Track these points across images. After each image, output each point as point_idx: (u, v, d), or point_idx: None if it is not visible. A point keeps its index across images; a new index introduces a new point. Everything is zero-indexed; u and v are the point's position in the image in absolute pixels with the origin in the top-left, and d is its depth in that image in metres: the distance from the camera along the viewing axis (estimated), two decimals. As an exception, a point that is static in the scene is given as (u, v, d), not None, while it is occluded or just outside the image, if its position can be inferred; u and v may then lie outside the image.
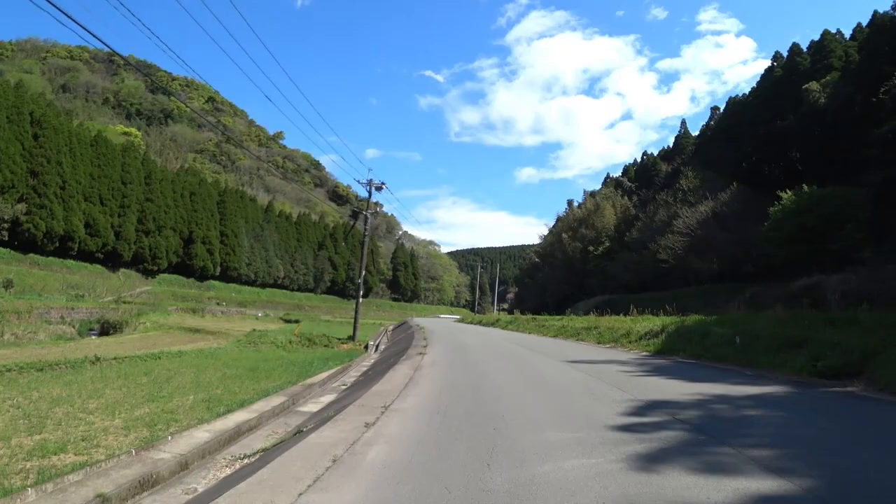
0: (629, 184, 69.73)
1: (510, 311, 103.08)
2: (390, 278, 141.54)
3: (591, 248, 58.88)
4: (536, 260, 76.94)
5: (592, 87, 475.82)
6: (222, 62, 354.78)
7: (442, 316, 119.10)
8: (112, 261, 77.73)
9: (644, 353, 19.75)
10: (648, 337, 22.16)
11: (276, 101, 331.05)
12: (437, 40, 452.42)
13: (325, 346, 24.64)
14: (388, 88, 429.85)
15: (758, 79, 51.12)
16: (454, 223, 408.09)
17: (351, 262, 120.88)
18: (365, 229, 32.09)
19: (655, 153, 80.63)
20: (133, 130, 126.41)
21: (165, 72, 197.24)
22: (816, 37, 46.30)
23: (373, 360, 20.49)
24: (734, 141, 45.18)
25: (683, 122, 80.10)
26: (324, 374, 14.44)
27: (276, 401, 9.93)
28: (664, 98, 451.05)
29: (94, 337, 39.93)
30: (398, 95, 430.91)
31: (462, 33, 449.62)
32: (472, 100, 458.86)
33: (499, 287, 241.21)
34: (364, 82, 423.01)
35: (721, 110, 60.82)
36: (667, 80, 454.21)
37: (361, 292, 33.25)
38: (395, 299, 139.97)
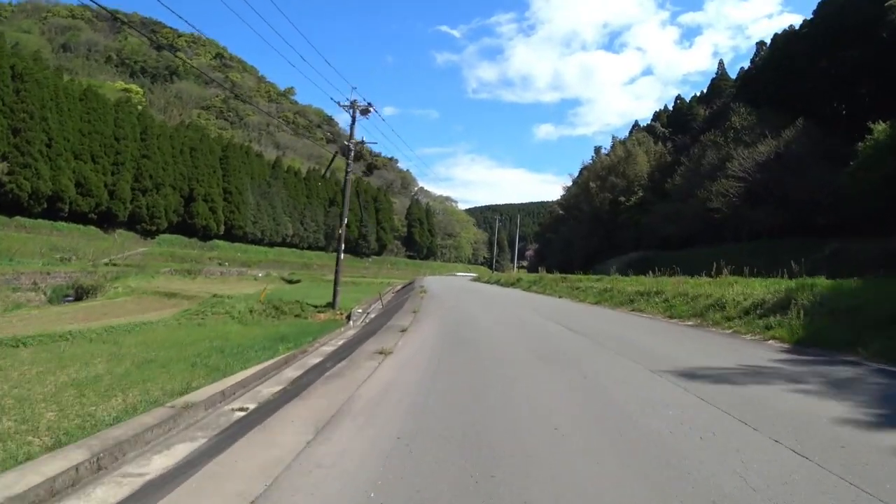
0: (662, 129, 63.92)
1: (531, 270, 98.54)
2: (405, 235, 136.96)
3: (622, 198, 53.60)
4: (560, 212, 70.81)
5: (612, 42, 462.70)
6: (231, 18, 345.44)
7: (458, 274, 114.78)
8: (107, 222, 74.00)
9: (778, 344, 11.49)
10: (759, 312, 13.90)
11: (286, 55, 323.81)
12: None
13: (296, 315, 20.09)
14: (404, 45, 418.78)
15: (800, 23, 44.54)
16: (472, 181, 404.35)
17: (364, 219, 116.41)
18: (348, 164, 26.91)
19: (687, 99, 74.83)
20: (134, 87, 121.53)
21: (171, 28, 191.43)
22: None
23: (345, 339, 15.71)
24: (792, 74, 39.32)
25: (721, 63, 73.32)
26: (248, 372, 9.79)
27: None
28: (686, 53, 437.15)
29: (66, 303, 36.19)
30: (414, 52, 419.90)
31: None
32: (490, 56, 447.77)
33: (518, 244, 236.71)
34: (380, 39, 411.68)
35: (767, 45, 54.76)
36: (689, 35, 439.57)
37: (342, 246, 28.44)
38: (410, 257, 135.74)
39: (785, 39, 46.83)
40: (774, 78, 42.77)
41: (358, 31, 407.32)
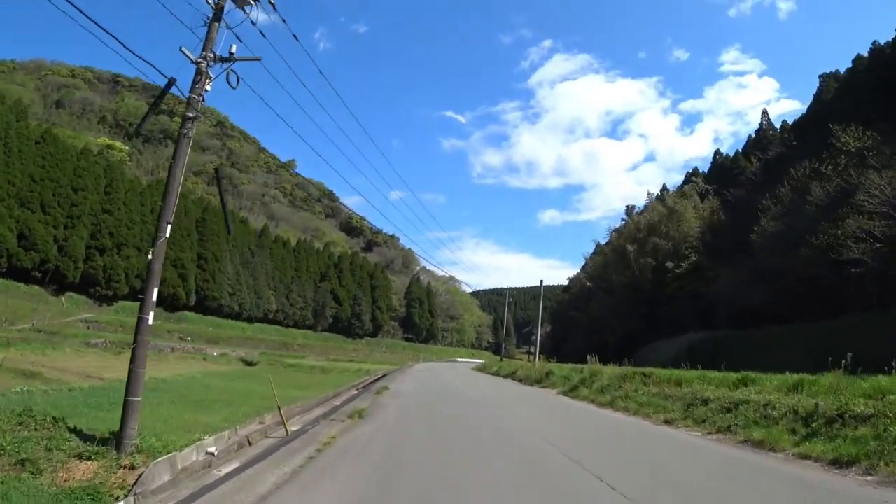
0: (704, 185, 53.43)
1: (548, 356, 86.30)
2: (403, 315, 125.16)
3: (668, 264, 42.55)
4: (587, 284, 58.05)
5: (615, 129, 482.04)
6: (233, 93, 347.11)
7: (460, 360, 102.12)
8: (56, 282, 63.17)
9: None
10: None
11: (290, 134, 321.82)
12: (461, 84, 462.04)
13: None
14: (412, 131, 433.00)
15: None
16: (477, 265, 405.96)
17: (357, 297, 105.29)
18: (186, 117, 11.71)
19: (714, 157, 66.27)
20: (118, 144, 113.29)
21: (171, 94, 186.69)
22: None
23: None
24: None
25: (765, 112, 64.42)
26: None
27: None
28: (687, 139, 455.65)
29: None
30: (421, 138, 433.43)
31: (485, 77, 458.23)
32: (496, 142, 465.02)
33: (524, 329, 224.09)
34: (387, 125, 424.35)
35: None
36: (689, 122, 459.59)
37: (150, 316, 9.70)
38: (408, 339, 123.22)
39: (871, 61, 37.98)
40: (870, 95, 33.29)
41: (367, 117, 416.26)
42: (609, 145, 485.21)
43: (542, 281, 35.13)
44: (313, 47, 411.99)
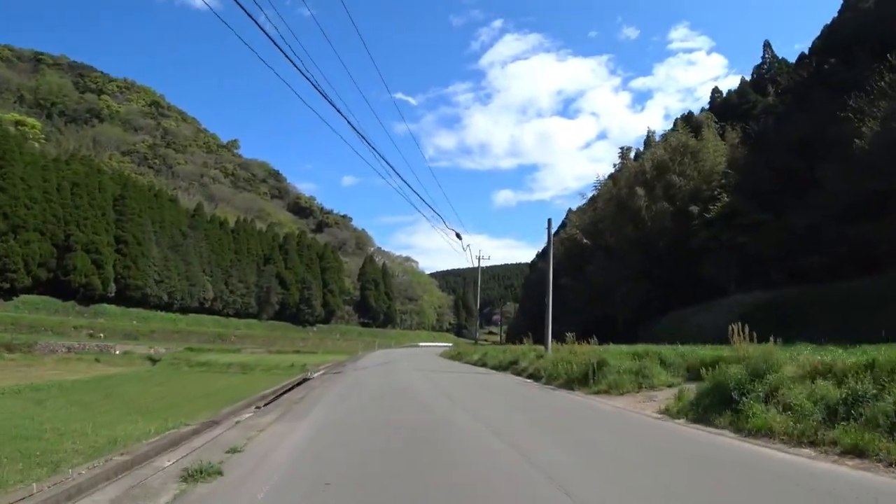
0: (715, 122, 44.19)
1: (513, 336, 78.45)
2: (358, 299, 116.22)
3: (692, 208, 33.90)
4: (583, 241, 46.42)
5: (567, 108, 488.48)
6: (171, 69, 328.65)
7: (421, 344, 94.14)
8: (-66, 275, 52.92)
9: None
10: None
11: (234, 114, 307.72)
12: (411, 67, 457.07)
13: None
14: (363, 116, 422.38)
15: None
16: (433, 248, 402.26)
17: (306, 280, 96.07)
18: None
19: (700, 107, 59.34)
20: (31, 121, 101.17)
21: (100, 72, 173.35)
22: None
23: None
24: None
25: (766, 44, 57.60)
26: None
27: None
28: (638, 116, 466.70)
29: None
30: (373, 122, 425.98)
31: (436, 59, 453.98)
32: (448, 124, 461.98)
33: (485, 308, 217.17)
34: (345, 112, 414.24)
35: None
36: (640, 99, 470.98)
37: None
38: (364, 324, 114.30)
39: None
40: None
41: (316, 102, 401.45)
42: (561, 124, 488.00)
43: (549, 220, 25.84)
44: (257, 34, 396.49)
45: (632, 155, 43.23)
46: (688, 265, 33.54)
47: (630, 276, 34.47)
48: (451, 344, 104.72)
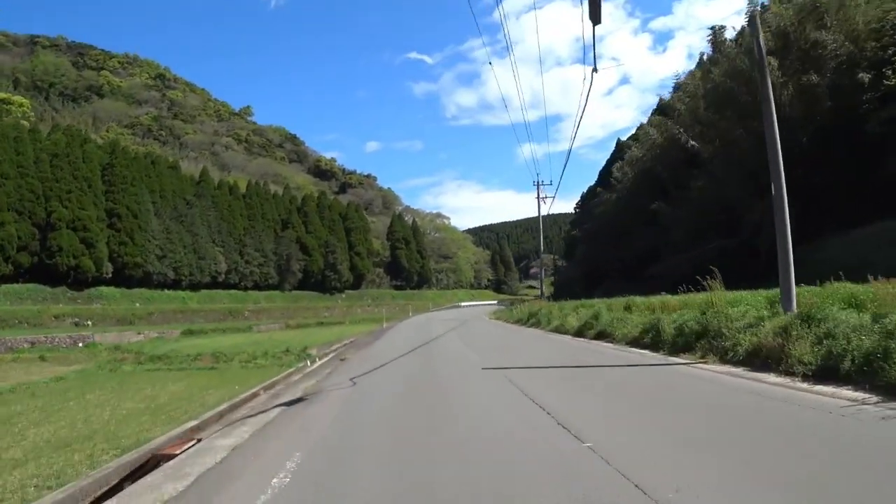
0: None
1: (562, 290, 68.32)
2: (388, 260, 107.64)
3: (863, 75, 23.52)
4: (690, 144, 32.59)
5: (587, 55, 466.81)
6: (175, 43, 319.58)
7: (464, 305, 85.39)
8: None
9: None
10: None
11: (245, 83, 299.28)
12: (424, 26, 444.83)
13: None
14: (379, 79, 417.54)
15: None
16: (461, 207, 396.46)
17: (330, 244, 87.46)
18: None
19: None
20: (19, 99, 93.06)
21: (101, 50, 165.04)
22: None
23: None
24: None
25: None
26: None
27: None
28: (660, 58, 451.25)
29: None
30: (391, 85, 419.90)
31: (448, 16, 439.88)
32: (467, 81, 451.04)
33: (521, 263, 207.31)
34: (355, 76, 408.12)
35: None
36: (661, 40, 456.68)
37: None
38: (397, 287, 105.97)
39: None
40: None
41: (330, 70, 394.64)
42: (582, 72, 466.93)
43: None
44: (264, 4, 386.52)
45: (728, 35, 31.92)
46: (857, 164, 23.28)
47: (757, 188, 23.65)
48: (495, 301, 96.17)
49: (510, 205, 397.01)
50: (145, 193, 63.32)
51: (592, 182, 75.96)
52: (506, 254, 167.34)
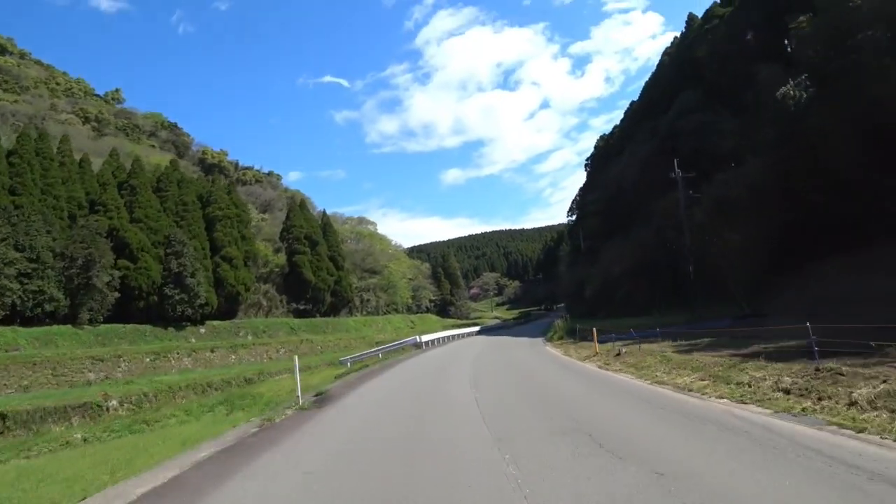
0: None
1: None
2: (285, 270, 70.96)
3: None
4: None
5: (507, 79, 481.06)
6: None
7: (424, 338, 50.76)
8: None
9: None
10: None
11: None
12: (345, 52, 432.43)
13: None
14: (299, 107, 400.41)
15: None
16: (386, 234, 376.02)
17: (175, 240, 50.71)
18: None
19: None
20: None
21: None
22: None
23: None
24: None
25: None
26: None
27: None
28: (579, 82, 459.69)
29: None
30: (312, 114, 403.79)
31: (370, 42, 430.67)
32: (389, 108, 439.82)
33: (466, 283, 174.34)
34: (273, 103, 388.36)
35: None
36: (580, 64, 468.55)
37: None
38: (300, 313, 69.22)
39: None
40: None
41: (247, 99, 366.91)
42: (503, 97, 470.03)
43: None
44: (171, 31, 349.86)
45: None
46: None
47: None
48: (473, 330, 63.95)
49: (436, 231, 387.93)
50: None
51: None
52: (451, 266, 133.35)
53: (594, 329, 28.98)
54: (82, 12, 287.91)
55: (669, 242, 41.45)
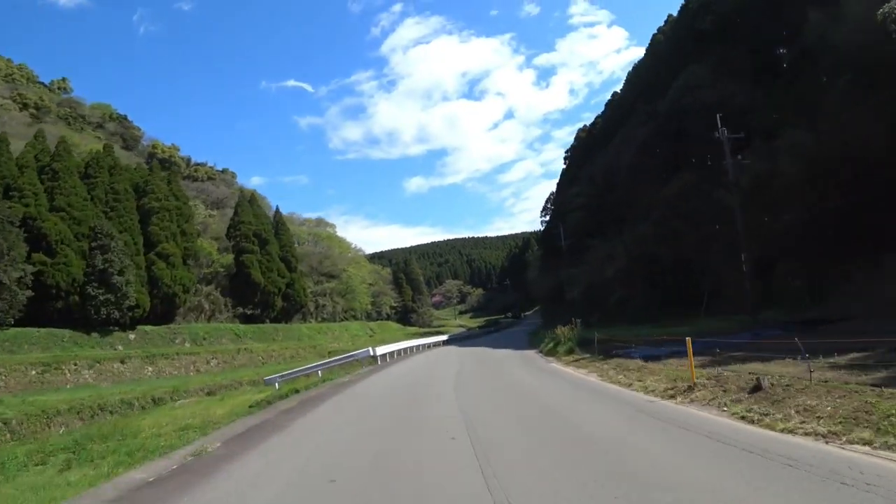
0: None
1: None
2: (232, 271, 65.31)
3: None
4: None
5: (472, 89, 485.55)
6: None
7: (381, 350, 44.54)
8: None
9: None
10: None
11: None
12: (310, 57, 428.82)
13: None
14: (262, 111, 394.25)
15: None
16: (351, 238, 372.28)
17: (100, 234, 44.85)
18: None
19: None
20: None
21: None
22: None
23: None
24: None
25: None
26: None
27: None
28: (544, 93, 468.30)
29: None
30: (275, 118, 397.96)
31: (335, 47, 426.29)
32: (353, 115, 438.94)
33: (429, 288, 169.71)
34: (235, 107, 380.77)
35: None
36: (544, 76, 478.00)
37: None
38: (248, 318, 63.45)
39: None
40: None
41: (214, 103, 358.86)
42: (468, 107, 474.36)
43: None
44: (133, 31, 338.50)
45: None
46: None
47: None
48: (438, 339, 59.02)
49: (399, 238, 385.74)
50: None
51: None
52: (413, 272, 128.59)
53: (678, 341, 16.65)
54: (41, 6, 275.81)
55: (674, 234, 36.38)
